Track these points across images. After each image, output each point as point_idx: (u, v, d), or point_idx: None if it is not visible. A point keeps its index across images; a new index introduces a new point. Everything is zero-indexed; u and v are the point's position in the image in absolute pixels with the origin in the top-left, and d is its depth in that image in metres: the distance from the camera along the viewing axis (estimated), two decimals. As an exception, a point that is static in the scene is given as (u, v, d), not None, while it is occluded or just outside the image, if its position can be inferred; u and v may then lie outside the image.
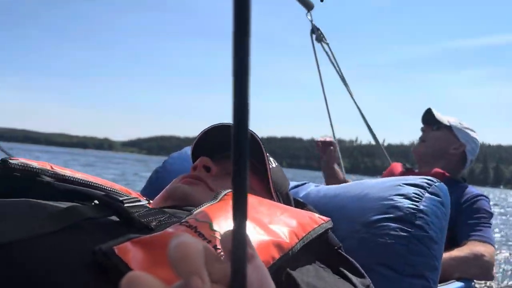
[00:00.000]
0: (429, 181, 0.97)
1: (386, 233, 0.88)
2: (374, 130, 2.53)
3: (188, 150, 1.33)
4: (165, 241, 0.48)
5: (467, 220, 1.63)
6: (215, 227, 0.54)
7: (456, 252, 1.50)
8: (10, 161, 0.67)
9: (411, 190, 0.94)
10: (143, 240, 0.48)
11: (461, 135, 1.95)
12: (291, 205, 0.90)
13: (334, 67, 2.27)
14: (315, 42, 2.22)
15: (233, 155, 0.24)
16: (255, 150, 0.86)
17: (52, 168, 0.71)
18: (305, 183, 1.16)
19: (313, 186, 1.13)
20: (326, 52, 2.24)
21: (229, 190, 0.68)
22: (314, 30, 2.19)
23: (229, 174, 0.85)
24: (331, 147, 2.20)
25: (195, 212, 0.58)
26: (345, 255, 0.77)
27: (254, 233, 0.57)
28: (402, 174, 1.95)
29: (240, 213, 0.25)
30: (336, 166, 2.21)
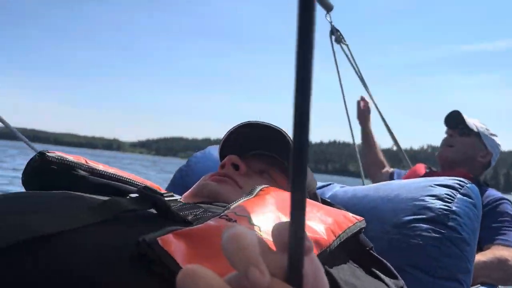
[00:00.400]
0: (460, 182, 0.95)
1: (418, 234, 0.87)
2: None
3: (211, 149, 1.33)
4: (206, 234, 0.48)
5: (490, 223, 1.60)
6: (254, 221, 0.54)
7: (479, 257, 1.47)
8: (48, 154, 0.68)
9: (442, 191, 0.92)
10: (184, 232, 0.48)
11: (488, 142, 1.90)
12: None
13: (354, 68, 2.26)
14: (334, 43, 2.21)
15: (293, 151, 0.24)
16: (284, 149, 0.85)
17: (86, 162, 0.72)
18: (330, 184, 1.15)
19: (339, 187, 1.12)
20: (346, 54, 2.23)
21: (264, 186, 0.68)
22: (334, 32, 2.18)
23: (257, 173, 0.85)
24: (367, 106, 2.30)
25: (232, 207, 0.58)
26: (377, 255, 0.76)
27: None
28: (425, 175, 1.91)
29: (298, 205, 0.24)
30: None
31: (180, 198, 0.71)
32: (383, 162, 2.30)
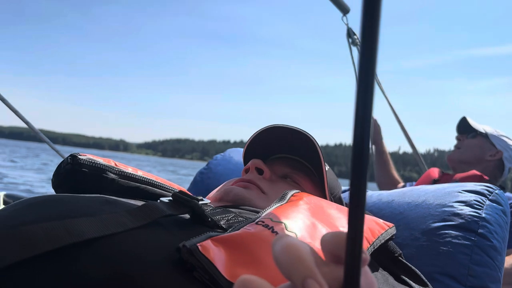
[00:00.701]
0: (489, 188, 0.93)
1: (447, 241, 0.84)
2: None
3: (231, 152, 1.33)
4: (245, 240, 0.48)
5: (510, 229, 1.57)
6: (290, 227, 0.53)
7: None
8: (79, 156, 0.68)
9: (471, 197, 0.90)
10: (222, 238, 0.48)
11: (497, 142, 1.93)
12: None
13: None
14: (351, 46, 2.21)
15: (353, 159, 0.23)
16: (310, 153, 0.84)
17: (116, 165, 0.72)
18: None
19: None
20: None
21: (295, 191, 0.67)
22: (351, 34, 2.17)
23: (280, 177, 0.84)
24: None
25: (266, 212, 0.58)
26: (407, 262, 0.75)
27: None
28: (440, 179, 1.91)
29: (357, 215, 0.24)
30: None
31: (210, 202, 0.70)
32: (398, 179, 2.30)
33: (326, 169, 0.87)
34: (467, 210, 0.87)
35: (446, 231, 0.85)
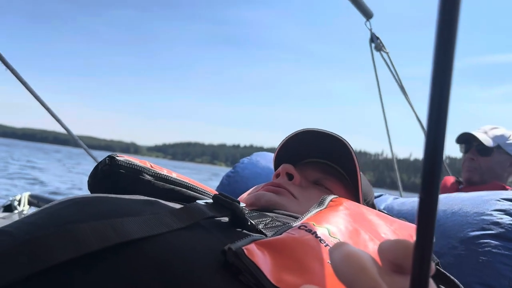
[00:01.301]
0: (527, 197, 0.90)
1: (487, 251, 0.82)
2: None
3: (257, 155, 1.33)
4: (289, 245, 0.48)
5: None
6: (333, 233, 0.53)
7: None
8: (117, 158, 0.68)
9: (510, 206, 0.88)
10: (266, 242, 0.47)
11: (510, 149, 1.83)
12: None
13: (394, 76, 2.22)
14: (374, 51, 2.19)
15: (424, 163, 0.22)
16: (344, 157, 0.83)
17: (151, 167, 0.71)
18: (382, 195, 1.12)
19: (392, 198, 1.08)
20: (386, 61, 2.20)
21: (334, 196, 0.66)
22: (374, 39, 2.16)
23: (312, 183, 0.83)
24: None
25: (306, 217, 0.57)
26: (445, 272, 0.73)
27: (371, 244, 0.55)
28: (457, 189, 1.87)
29: (427, 224, 0.23)
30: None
31: (245, 206, 0.70)
32: None
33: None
34: (506, 219, 0.85)
35: (486, 240, 0.83)
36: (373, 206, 0.89)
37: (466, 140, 1.91)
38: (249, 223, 0.56)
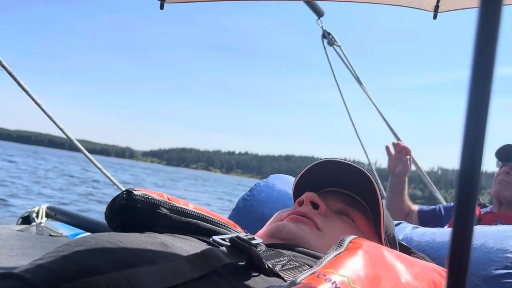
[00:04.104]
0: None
1: (511, 291, 0.78)
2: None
3: (274, 178, 1.31)
4: None
5: None
6: (353, 282, 0.51)
7: None
8: (135, 192, 0.69)
9: (535, 243, 0.83)
10: None
11: None
12: (396, 250, 0.82)
13: (348, 68, 2.28)
14: (327, 46, 2.30)
15: (456, 214, 0.22)
16: (366, 189, 0.82)
17: (168, 199, 0.72)
18: (401, 223, 1.08)
19: (411, 227, 1.04)
20: (339, 55, 2.27)
21: (353, 237, 0.64)
22: (326, 35, 2.25)
23: (336, 213, 0.81)
24: (408, 156, 1.99)
25: (324, 263, 0.55)
26: None
27: None
28: (482, 218, 1.77)
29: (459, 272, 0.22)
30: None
31: (261, 242, 0.67)
32: (409, 207, 2.07)
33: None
34: (531, 257, 0.81)
35: (510, 280, 0.79)
36: (394, 239, 0.87)
37: (507, 152, 1.81)
38: (266, 266, 0.56)
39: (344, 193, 0.86)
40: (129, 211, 0.67)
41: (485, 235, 0.89)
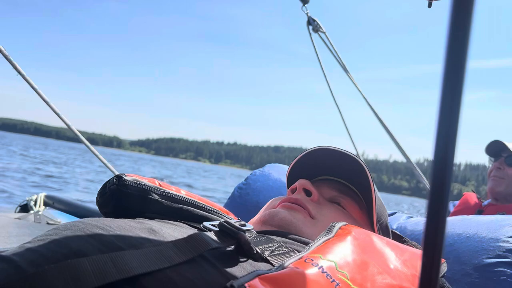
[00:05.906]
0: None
1: (502, 280, 0.79)
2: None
3: (269, 168, 1.31)
4: (293, 281, 0.47)
5: None
6: (340, 267, 0.52)
7: None
8: (125, 178, 0.68)
9: (528, 233, 0.84)
10: (270, 277, 0.47)
11: None
12: (389, 238, 0.83)
13: (334, 55, 2.29)
14: (312, 33, 2.29)
15: (429, 205, 0.22)
16: (359, 178, 0.82)
17: (160, 185, 0.72)
18: (395, 212, 1.08)
19: (405, 216, 1.05)
20: (324, 41, 2.27)
21: (342, 223, 0.64)
22: (311, 22, 2.24)
23: (328, 201, 0.81)
24: None
25: (313, 248, 0.55)
26: None
27: (380, 277, 0.54)
28: (485, 209, 1.81)
29: (435, 247, 0.23)
30: None
31: (252, 228, 0.67)
32: None
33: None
34: (524, 247, 0.82)
35: (501, 269, 0.80)
36: (386, 227, 0.87)
37: (496, 149, 1.86)
38: (254, 251, 0.55)
39: (337, 181, 0.87)
40: (120, 197, 0.67)
41: (478, 224, 0.90)
